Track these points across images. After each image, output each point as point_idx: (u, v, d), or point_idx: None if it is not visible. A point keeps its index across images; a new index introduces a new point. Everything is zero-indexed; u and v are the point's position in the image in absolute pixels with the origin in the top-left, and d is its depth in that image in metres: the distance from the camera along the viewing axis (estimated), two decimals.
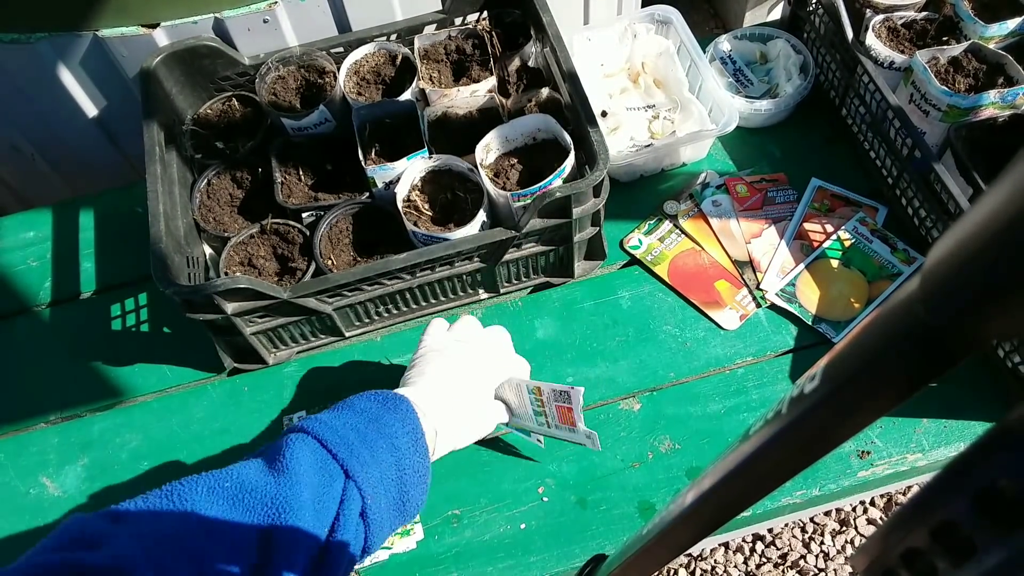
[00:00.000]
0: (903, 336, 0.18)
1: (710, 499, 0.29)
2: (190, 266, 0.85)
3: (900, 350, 0.18)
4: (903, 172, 0.90)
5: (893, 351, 0.19)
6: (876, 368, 0.19)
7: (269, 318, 0.84)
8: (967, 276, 0.16)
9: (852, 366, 0.20)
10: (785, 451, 0.24)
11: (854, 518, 1.34)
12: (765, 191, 0.97)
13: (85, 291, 0.99)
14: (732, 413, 0.84)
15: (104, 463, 0.86)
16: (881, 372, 0.19)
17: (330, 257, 0.85)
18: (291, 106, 0.95)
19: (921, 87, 0.89)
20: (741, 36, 1.08)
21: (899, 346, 0.18)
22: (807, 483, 0.80)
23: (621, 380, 0.86)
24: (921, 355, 0.18)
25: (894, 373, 0.19)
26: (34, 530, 0.82)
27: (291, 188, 0.91)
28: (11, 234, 1.04)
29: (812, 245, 0.93)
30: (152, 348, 0.94)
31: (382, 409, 0.64)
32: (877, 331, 0.19)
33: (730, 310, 0.90)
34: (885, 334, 0.19)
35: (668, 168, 1.02)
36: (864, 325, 0.20)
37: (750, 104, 1.00)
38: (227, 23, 0.97)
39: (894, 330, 0.18)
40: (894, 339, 0.18)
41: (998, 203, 0.15)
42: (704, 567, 1.31)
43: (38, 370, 0.93)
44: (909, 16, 0.97)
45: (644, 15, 1.04)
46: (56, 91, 1.04)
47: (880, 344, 0.19)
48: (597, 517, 0.79)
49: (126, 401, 0.90)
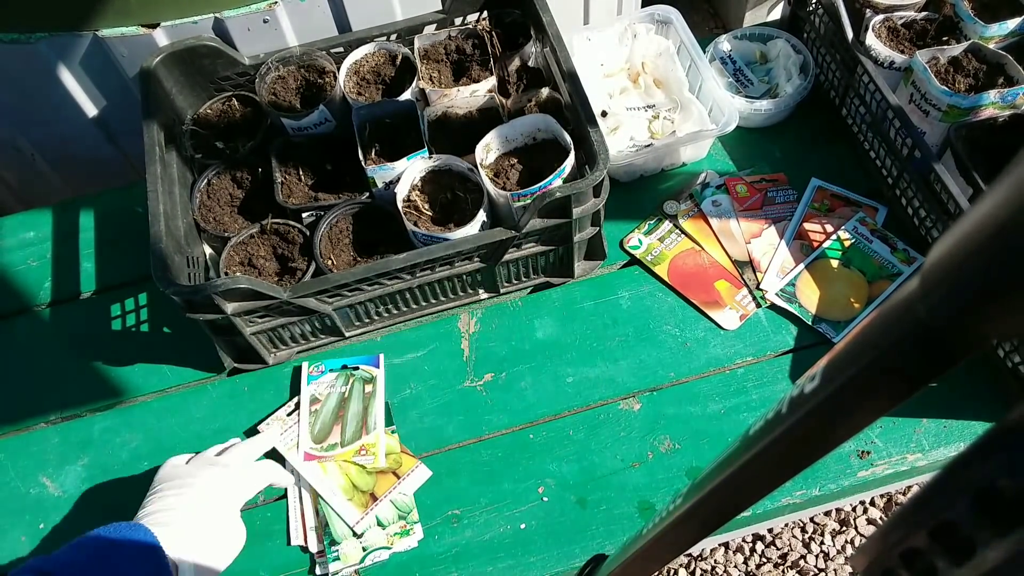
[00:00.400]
0: (903, 336, 0.18)
1: (710, 499, 0.29)
2: (190, 266, 0.85)
3: (900, 350, 0.18)
4: (903, 172, 0.90)
5: (893, 351, 0.19)
6: (876, 368, 0.19)
7: (269, 318, 0.84)
8: (967, 276, 0.16)
9: (852, 366, 0.20)
10: (785, 451, 0.24)
11: (854, 518, 1.34)
12: (765, 191, 0.97)
13: (85, 291, 0.99)
14: (732, 413, 0.84)
15: (104, 463, 0.86)
16: (881, 372, 0.19)
17: (330, 257, 0.85)
18: (291, 106, 0.95)
19: (921, 87, 0.89)
20: (741, 36, 1.08)
21: (899, 346, 0.18)
22: (807, 483, 0.80)
23: (621, 380, 0.86)
24: (921, 355, 0.18)
25: (894, 373, 0.19)
26: (34, 530, 0.82)
27: (291, 188, 0.91)
28: (11, 234, 1.04)
29: (812, 245, 0.93)
30: (152, 348, 0.94)
31: (112, 548, 0.61)
32: (877, 331, 0.19)
33: (730, 310, 0.90)
34: (885, 334, 0.19)
35: (668, 168, 1.02)
36: (864, 325, 0.20)
37: (750, 104, 1.00)
38: (227, 23, 0.97)
39: (894, 330, 0.18)
40: (894, 339, 0.18)
41: (998, 203, 0.15)
42: (704, 567, 1.31)
43: (38, 370, 0.93)
44: (909, 16, 0.97)
45: (644, 15, 1.04)
46: (56, 91, 1.04)
47: (880, 344, 0.19)
48: (597, 517, 0.79)
49: (126, 401, 0.90)
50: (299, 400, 0.87)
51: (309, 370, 0.88)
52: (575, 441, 0.83)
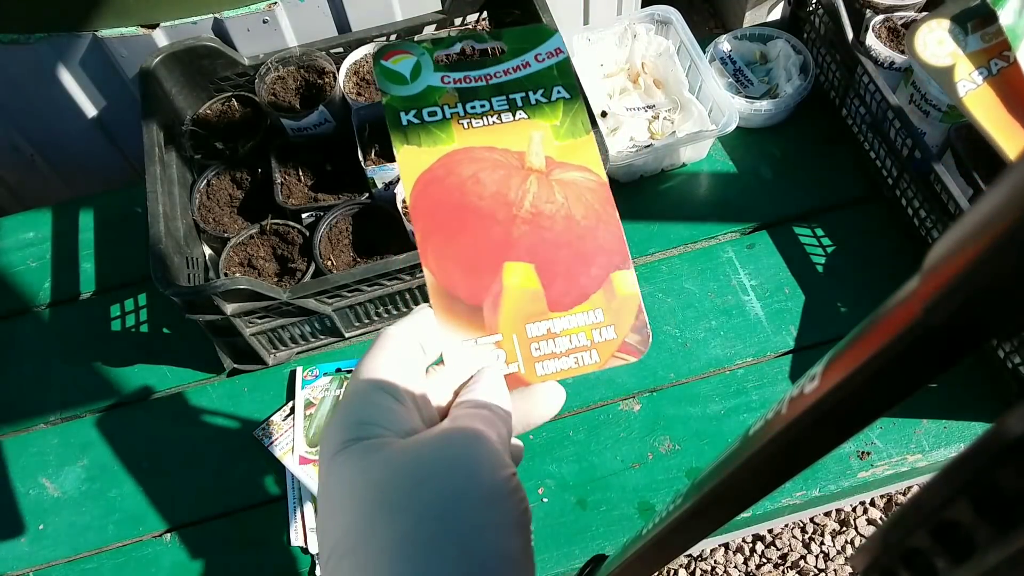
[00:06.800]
0: (903, 335, 0.18)
1: (710, 499, 0.29)
2: (190, 267, 0.85)
3: (899, 350, 0.18)
4: (903, 172, 0.90)
5: (892, 351, 0.19)
6: (875, 368, 0.19)
7: (269, 319, 0.84)
8: (967, 276, 0.16)
9: (852, 366, 0.20)
10: (785, 451, 0.24)
11: (854, 518, 1.34)
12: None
13: (85, 292, 0.99)
14: (732, 414, 0.84)
15: (104, 463, 0.86)
16: (880, 372, 0.19)
17: (330, 258, 0.85)
18: (291, 106, 0.95)
19: (921, 87, 0.89)
20: (741, 36, 1.08)
21: (898, 346, 0.18)
22: (807, 483, 0.80)
23: (621, 380, 0.86)
24: (920, 355, 0.18)
25: (893, 373, 0.19)
26: (34, 531, 0.82)
27: (291, 189, 0.90)
28: (11, 234, 1.04)
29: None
30: (152, 349, 0.94)
31: None
32: (876, 331, 0.19)
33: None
34: (884, 334, 0.19)
35: (668, 168, 1.02)
36: (864, 325, 0.20)
37: (750, 104, 1.00)
38: (226, 23, 0.97)
39: (894, 330, 0.18)
40: (893, 339, 0.18)
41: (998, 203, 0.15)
42: (704, 567, 1.31)
43: (38, 370, 0.93)
44: (909, 16, 0.97)
45: (644, 15, 1.04)
46: (56, 91, 1.04)
47: (880, 344, 0.19)
48: (597, 518, 0.79)
49: (126, 401, 0.90)
50: (294, 404, 0.87)
51: (304, 374, 0.88)
52: (575, 442, 0.83)
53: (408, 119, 0.38)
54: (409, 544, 0.27)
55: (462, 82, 0.39)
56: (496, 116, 0.39)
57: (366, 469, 0.28)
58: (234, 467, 0.85)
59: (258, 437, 0.85)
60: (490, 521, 0.28)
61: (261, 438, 0.85)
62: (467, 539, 0.27)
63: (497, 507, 0.28)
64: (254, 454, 0.85)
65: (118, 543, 0.82)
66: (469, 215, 0.37)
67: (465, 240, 0.37)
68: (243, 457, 0.85)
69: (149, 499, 0.84)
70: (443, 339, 0.35)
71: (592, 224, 0.38)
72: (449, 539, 0.27)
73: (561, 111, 0.40)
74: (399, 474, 0.28)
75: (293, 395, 0.88)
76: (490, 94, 0.39)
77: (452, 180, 0.37)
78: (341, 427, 0.30)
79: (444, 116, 0.38)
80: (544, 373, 0.36)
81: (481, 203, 0.37)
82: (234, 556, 0.81)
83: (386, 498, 0.28)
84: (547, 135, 0.39)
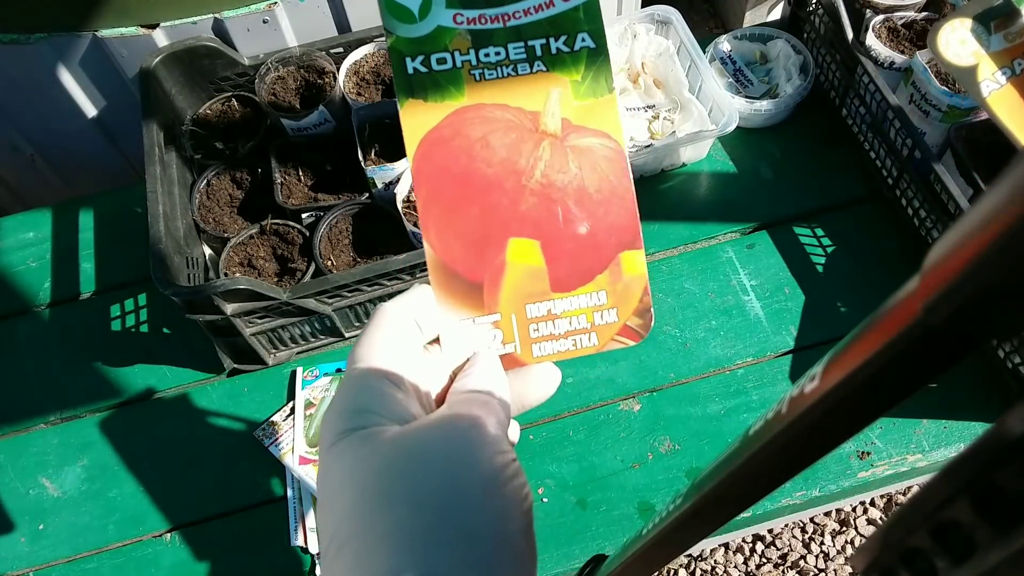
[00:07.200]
0: (902, 335, 0.18)
1: (710, 499, 0.29)
2: (190, 267, 0.85)
3: (899, 350, 0.18)
4: (903, 172, 0.90)
5: (892, 351, 0.19)
6: (875, 368, 0.19)
7: (269, 319, 0.84)
8: (967, 276, 0.16)
9: (852, 366, 0.20)
10: (785, 451, 0.24)
11: (854, 518, 1.34)
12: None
13: (85, 292, 0.99)
14: (732, 414, 0.84)
15: (104, 463, 0.86)
16: (880, 372, 0.19)
17: (330, 258, 0.85)
18: (291, 106, 0.95)
19: (921, 87, 0.89)
20: (741, 36, 1.08)
21: (898, 346, 0.18)
22: (807, 483, 0.80)
23: (621, 380, 0.86)
24: (920, 355, 0.18)
25: (893, 373, 0.19)
26: (34, 531, 0.82)
27: (291, 189, 0.90)
28: (11, 234, 1.04)
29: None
30: (152, 349, 0.94)
31: None
32: (876, 331, 0.19)
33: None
34: (884, 334, 0.19)
35: (668, 168, 1.02)
36: (864, 325, 0.20)
37: (750, 104, 1.00)
38: (226, 23, 0.97)
39: (894, 330, 0.18)
40: (893, 339, 0.18)
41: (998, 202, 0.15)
42: (704, 567, 1.31)
43: (38, 370, 0.93)
44: (909, 16, 0.97)
45: (644, 15, 1.04)
46: (56, 91, 1.04)
47: (879, 344, 0.19)
48: (597, 518, 0.79)
49: (126, 401, 0.90)
50: (294, 405, 0.87)
51: (304, 374, 0.88)
52: (575, 442, 0.83)
53: (414, 67, 0.34)
54: (408, 532, 0.27)
55: (476, 22, 0.35)
56: (512, 67, 0.35)
57: (365, 458, 0.29)
58: (234, 467, 0.85)
59: (258, 437, 0.85)
60: (489, 507, 0.28)
61: (261, 438, 0.85)
62: (467, 526, 0.27)
63: (497, 493, 0.29)
64: (254, 454, 0.85)
65: (118, 543, 0.82)
66: (475, 184, 0.34)
67: (469, 212, 0.34)
68: (243, 457, 0.85)
69: (149, 499, 0.84)
70: (440, 317, 0.34)
71: (605, 198, 0.36)
72: (449, 526, 0.27)
73: (584, 64, 0.35)
74: (398, 462, 0.28)
75: (293, 395, 0.88)
76: (507, 39, 0.35)
77: (459, 143, 0.34)
78: (339, 415, 0.30)
79: (455, 65, 0.34)
80: (541, 355, 0.35)
81: (489, 170, 0.34)
82: (234, 556, 0.81)
83: (385, 487, 0.28)
84: (566, 93, 0.35)
